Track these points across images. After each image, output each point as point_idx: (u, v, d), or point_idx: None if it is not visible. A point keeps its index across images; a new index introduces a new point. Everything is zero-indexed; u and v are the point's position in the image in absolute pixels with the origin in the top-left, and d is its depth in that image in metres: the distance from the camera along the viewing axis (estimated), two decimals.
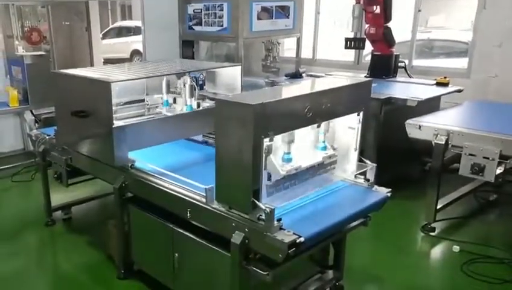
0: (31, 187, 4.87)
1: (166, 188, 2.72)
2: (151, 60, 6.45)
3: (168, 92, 3.52)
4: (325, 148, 2.68)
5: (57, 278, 3.41)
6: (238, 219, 2.31)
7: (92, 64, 8.23)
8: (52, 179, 3.74)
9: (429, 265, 3.69)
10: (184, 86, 3.47)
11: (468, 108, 4.61)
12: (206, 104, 3.58)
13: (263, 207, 2.17)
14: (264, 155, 2.22)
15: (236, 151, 2.21)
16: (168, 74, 3.47)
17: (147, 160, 3.02)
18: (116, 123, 2.93)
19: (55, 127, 3.60)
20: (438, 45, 8.36)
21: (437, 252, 3.78)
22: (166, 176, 2.78)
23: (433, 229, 3.94)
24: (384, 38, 5.40)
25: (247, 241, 2.27)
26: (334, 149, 2.73)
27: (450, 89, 5.00)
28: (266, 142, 2.21)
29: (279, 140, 2.39)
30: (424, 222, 3.97)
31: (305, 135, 2.59)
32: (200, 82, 3.85)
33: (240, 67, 3.69)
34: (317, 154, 2.65)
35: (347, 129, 2.76)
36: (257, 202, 2.20)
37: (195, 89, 3.49)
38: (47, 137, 3.80)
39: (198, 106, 3.49)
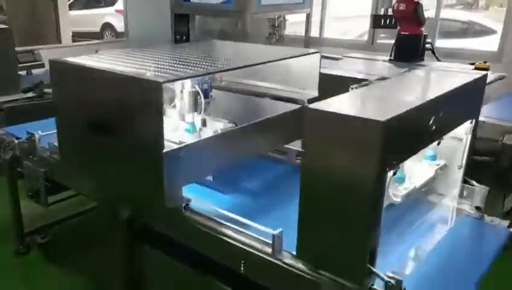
0: None
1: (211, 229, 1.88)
2: (134, 37, 5.52)
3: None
4: (433, 157, 1.95)
5: None
6: (330, 286, 1.54)
7: (59, 40, 7.09)
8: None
9: None
10: (181, 92, 2.34)
11: None
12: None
13: (384, 277, 1.41)
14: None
15: (342, 189, 1.42)
16: (237, 68, 2.26)
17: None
18: (168, 146, 1.89)
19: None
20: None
21: None
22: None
23: None
24: (415, 16, 4.66)
25: None
26: None
27: (492, 76, 4.34)
28: (389, 176, 1.43)
29: None
30: None
31: None
32: (206, 86, 2.49)
33: (318, 55, 2.51)
34: (427, 167, 1.92)
35: (450, 140, 2.02)
36: (373, 268, 1.44)
37: (200, 97, 2.35)
38: (16, 141, 2.86)
39: (204, 123, 2.37)
